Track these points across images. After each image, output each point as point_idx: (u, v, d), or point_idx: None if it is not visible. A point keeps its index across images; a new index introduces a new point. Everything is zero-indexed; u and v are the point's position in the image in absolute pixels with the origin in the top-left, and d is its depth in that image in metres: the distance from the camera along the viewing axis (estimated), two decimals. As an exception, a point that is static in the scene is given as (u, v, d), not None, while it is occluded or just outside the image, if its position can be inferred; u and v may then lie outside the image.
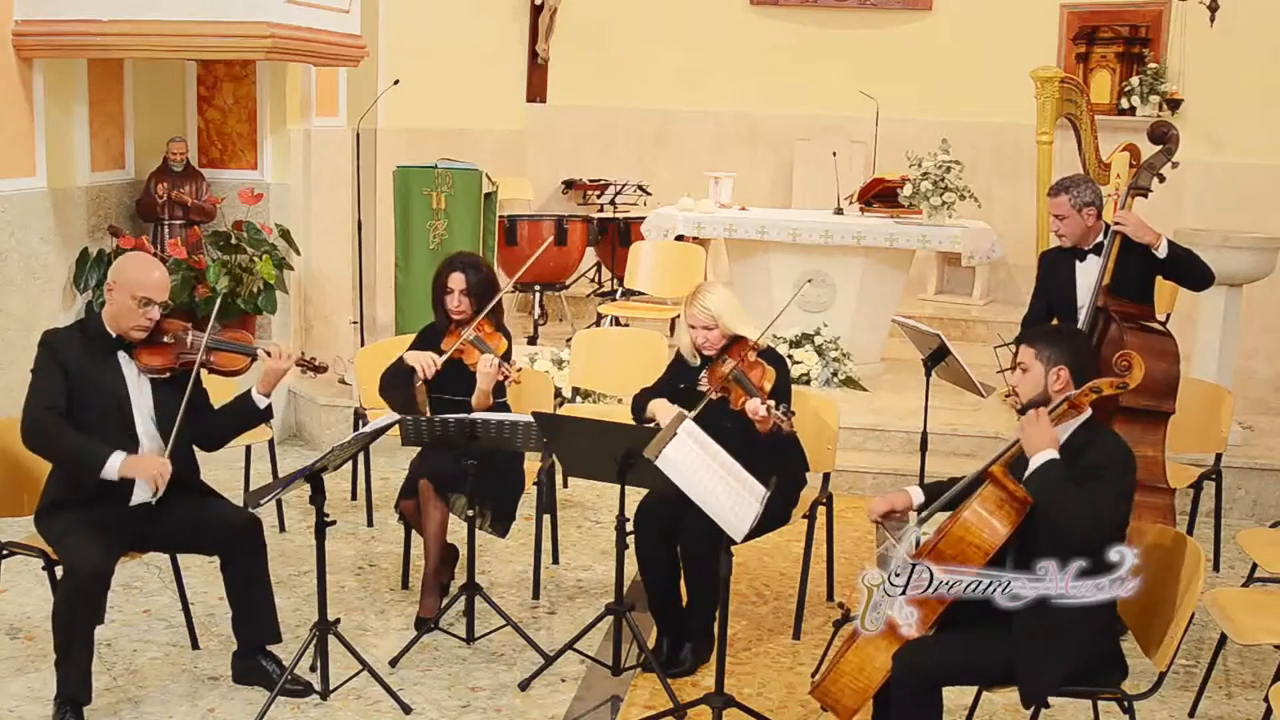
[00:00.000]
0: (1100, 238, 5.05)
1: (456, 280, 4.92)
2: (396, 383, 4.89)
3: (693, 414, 4.07)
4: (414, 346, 5.03)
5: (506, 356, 4.86)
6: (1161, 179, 5.26)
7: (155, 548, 4.30)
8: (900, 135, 9.37)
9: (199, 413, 4.21)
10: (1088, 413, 3.56)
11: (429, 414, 4.70)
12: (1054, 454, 3.43)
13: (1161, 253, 4.94)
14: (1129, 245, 4.98)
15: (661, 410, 4.50)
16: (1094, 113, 6.07)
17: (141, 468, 3.97)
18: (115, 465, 3.93)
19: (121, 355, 4.09)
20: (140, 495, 4.10)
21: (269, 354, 4.19)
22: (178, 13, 6.27)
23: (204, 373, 4.20)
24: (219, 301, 4.94)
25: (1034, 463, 3.45)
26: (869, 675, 3.44)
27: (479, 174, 7.36)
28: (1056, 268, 5.19)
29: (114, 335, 4.09)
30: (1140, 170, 5.23)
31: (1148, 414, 4.90)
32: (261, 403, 4.24)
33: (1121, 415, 4.86)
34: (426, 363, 4.82)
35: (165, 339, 4.13)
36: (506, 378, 4.75)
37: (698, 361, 4.62)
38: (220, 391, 4.42)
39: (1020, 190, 9.24)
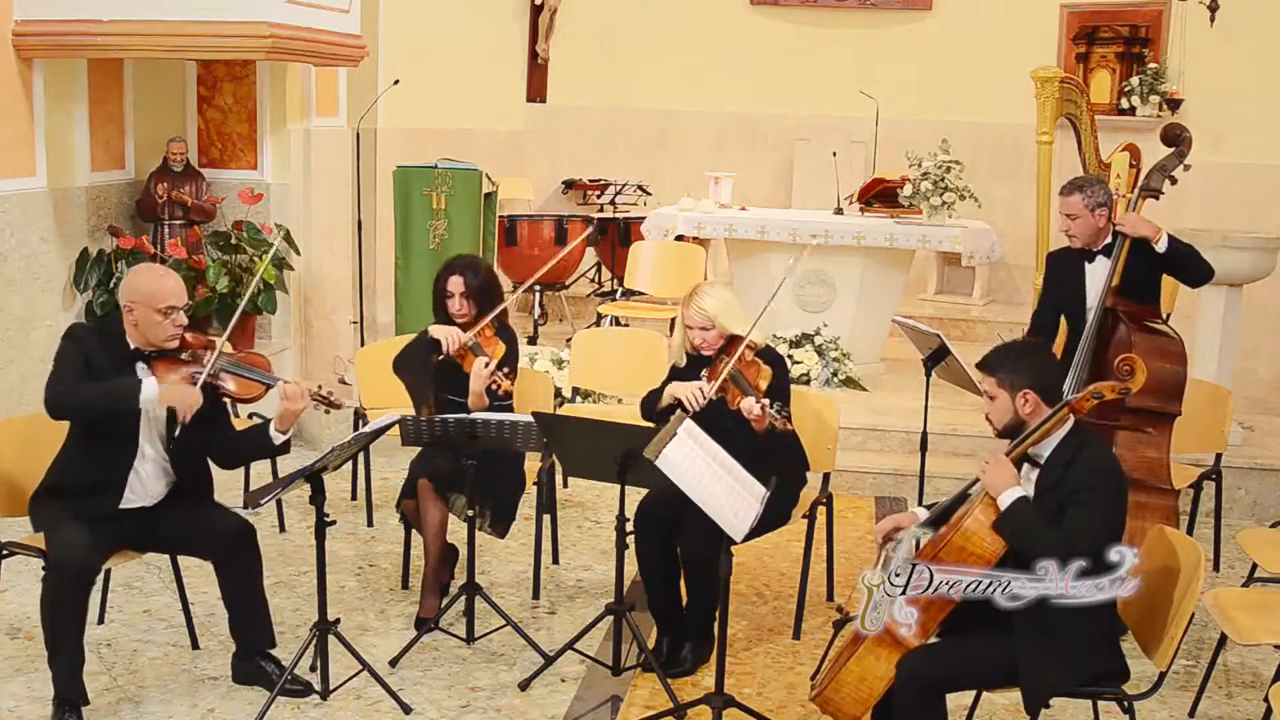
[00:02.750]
0: (1109, 239, 5.06)
1: (455, 284, 4.91)
2: (415, 356, 4.87)
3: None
4: (411, 349, 5.01)
5: (505, 363, 4.83)
6: (1173, 181, 5.25)
7: (152, 548, 4.30)
8: (900, 135, 9.36)
9: (218, 430, 4.20)
10: (1071, 422, 3.49)
11: (435, 398, 4.69)
12: (1019, 492, 3.40)
13: (1161, 247, 4.94)
14: (1136, 246, 4.98)
15: (679, 389, 4.49)
16: (1094, 113, 6.04)
17: (176, 394, 3.97)
18: (151, 389, 3.94)
19: (140, 366, 4.07)
20: (132, 500, 4.11)
21: (285, 387, 4.12)
22: (178, 13, 6.26)
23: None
24: (238, 313, 4.50)
25: (1001, 503, 3.39)
26: (871, 685, 3.44)
27: (479, 174, 7.37)
28: (1064, 269, 5.18)
29: (133, 347, 4.07)
30: (1152, 171, 5.22)
31: (1153, 415, 4.90)
32: (278, 439, 4.19)
33: (1127, 416, 4.87)
34: (452, 336, 4.82)
35: (184, 355, 4.11)
36: (497, 385, 4.73)
37: (685, 362, 4.62)
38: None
39: (1020, 190, 9.24)
